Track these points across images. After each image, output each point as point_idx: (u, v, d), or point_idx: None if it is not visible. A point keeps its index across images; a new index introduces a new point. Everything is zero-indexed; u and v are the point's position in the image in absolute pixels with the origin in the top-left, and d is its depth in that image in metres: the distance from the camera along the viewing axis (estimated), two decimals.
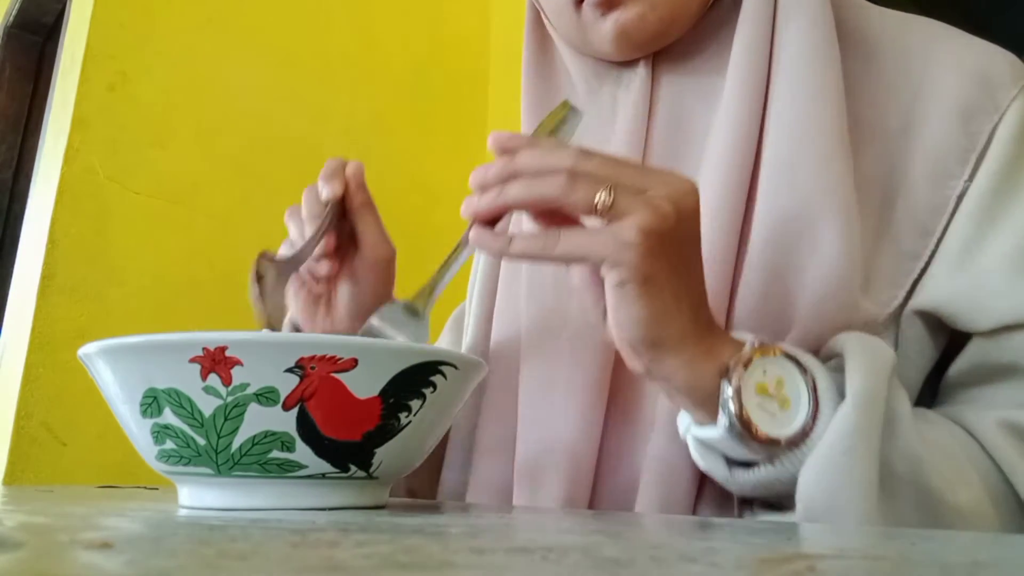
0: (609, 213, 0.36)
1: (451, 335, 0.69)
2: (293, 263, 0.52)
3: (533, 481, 0.50)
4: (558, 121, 0.47)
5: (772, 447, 0.37)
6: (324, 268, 0.55)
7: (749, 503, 0.43)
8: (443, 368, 0.35)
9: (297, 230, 0.56)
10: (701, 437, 0.40)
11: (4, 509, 0.35)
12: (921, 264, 0.45)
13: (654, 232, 0.36)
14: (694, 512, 0.45)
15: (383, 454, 0.35)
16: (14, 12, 1.94)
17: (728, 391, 0.38)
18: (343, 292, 0.57)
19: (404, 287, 0.54)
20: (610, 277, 0.37)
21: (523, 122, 0.59)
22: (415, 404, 0.35)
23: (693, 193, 0.38)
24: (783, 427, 0.38)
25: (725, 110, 0.49)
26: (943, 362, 0.47)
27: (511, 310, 0.56)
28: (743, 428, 0.37)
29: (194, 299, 1.16)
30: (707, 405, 0.39)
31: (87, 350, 0.35)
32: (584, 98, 0.57)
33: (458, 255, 0.45)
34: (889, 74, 0.49)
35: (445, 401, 0.37)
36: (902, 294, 0.45)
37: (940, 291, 0.44)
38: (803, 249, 0.44)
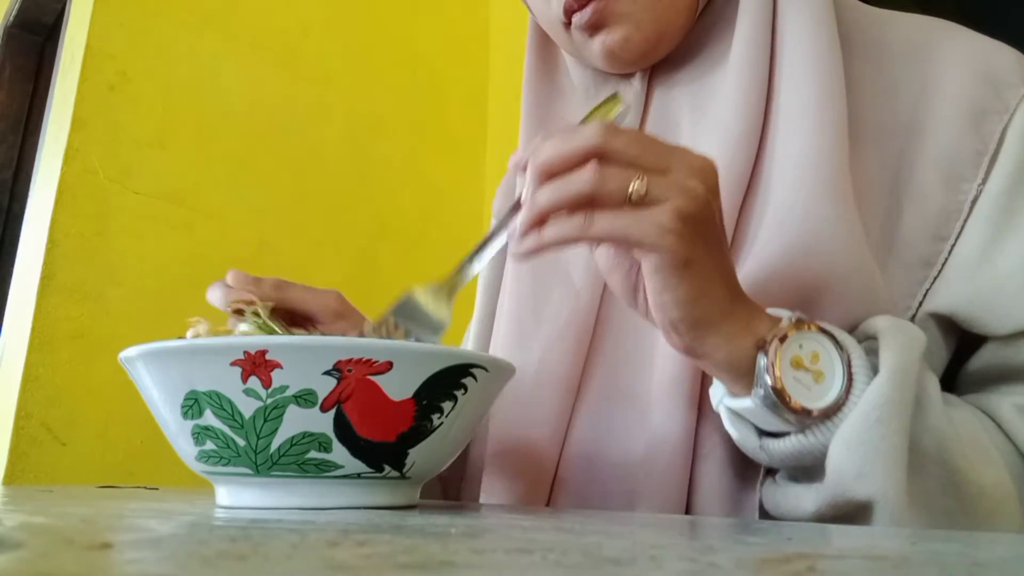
0: (643, 200, 0.35)
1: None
2: None
3: (498, 474, 0.50)
4: (606, 114, 0.45)
5: (804, 417, 0.38)
6: None
7: (772, 474, 0.43)
8: (473, 371, 0.36)
9: None
10: (734, 407, 0.41)
11: (4, 509, 0.35)
12: (935, 271, 0.45)
13: (691, 216, 0.36)
14: (688, 505, 0.45)
15: (416, 454, 0.35)
16: (14, 12, 1.94)
17: (764, 363, 0.38)
18: None
19: (406, 286, 0.55)
20: (648, 261, 0.37)
21: (522, 125, 0.59)
22: (447, 406, 0.35)
23: (713, 170, 0.38)
24: (817, 399, 0.38)
25: (717, 113, 0.49)
26: (953, 361, 0.47)
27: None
28: (777, 398, 0.38)
29: (194, 299, 1.15)
30: (745, 378, 0.39)
31: (128, 354, 0.35)
32: (583, 105, 0.58)
33: (489, 245, 0.43)
34: (893, 73, 0.49)
35: (475, 403, 0.37)
36: (915, 303, 0.45)
37: (956, 295, 0.44)
38: (808, 244, 0.43)
